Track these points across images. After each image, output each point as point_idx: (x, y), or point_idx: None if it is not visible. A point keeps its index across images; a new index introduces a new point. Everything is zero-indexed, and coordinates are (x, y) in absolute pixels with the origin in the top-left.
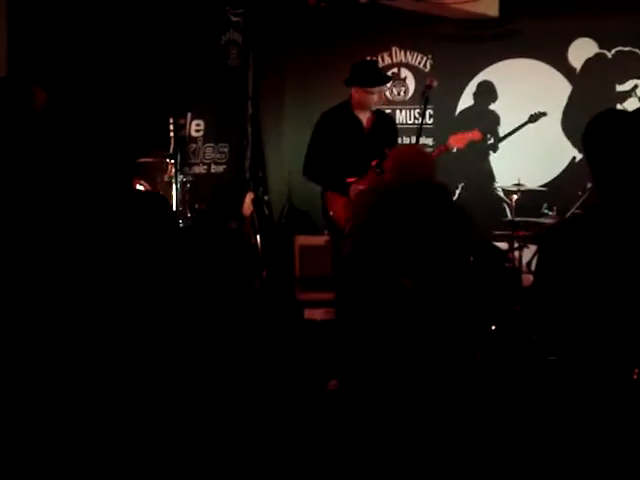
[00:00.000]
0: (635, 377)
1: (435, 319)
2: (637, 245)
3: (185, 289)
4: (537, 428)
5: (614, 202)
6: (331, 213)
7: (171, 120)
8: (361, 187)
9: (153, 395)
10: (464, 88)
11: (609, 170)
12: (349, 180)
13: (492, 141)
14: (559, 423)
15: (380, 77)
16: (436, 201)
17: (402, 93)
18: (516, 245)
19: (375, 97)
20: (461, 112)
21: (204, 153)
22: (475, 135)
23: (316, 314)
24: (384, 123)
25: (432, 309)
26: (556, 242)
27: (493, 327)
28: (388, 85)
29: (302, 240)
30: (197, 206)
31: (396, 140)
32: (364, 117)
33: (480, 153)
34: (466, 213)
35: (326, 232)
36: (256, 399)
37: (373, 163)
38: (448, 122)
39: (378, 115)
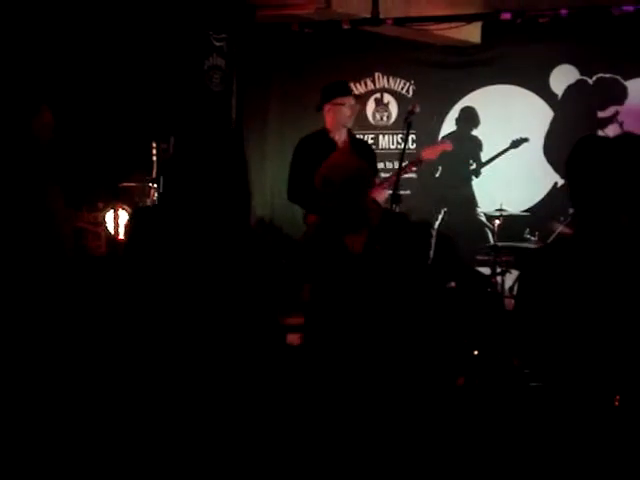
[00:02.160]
0: (616, 404)
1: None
2: (618, 270)
3: (167, 311)
4: (519, 453)
5: (595, 228)
6: None
7: (154, 144)
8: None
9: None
10: (447, 113)
11: (590, 194)
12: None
13: (474, 166)
14: (541, 449)
15: (346, 89)
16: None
17: (385, 118)
18: (498, 270)
19: (347, 111)
20: (443, 137)
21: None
22: (446, 146)
23: (296, 339)
24: (359, 147)
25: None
26: (537, 268)
27: (475, 352)
28: (359, 107)
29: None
30: None
31: (374, 162)
32: (340, 140)
33: (462, 178)
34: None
35: None
36: (241, 415)
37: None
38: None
39: (353, 139)
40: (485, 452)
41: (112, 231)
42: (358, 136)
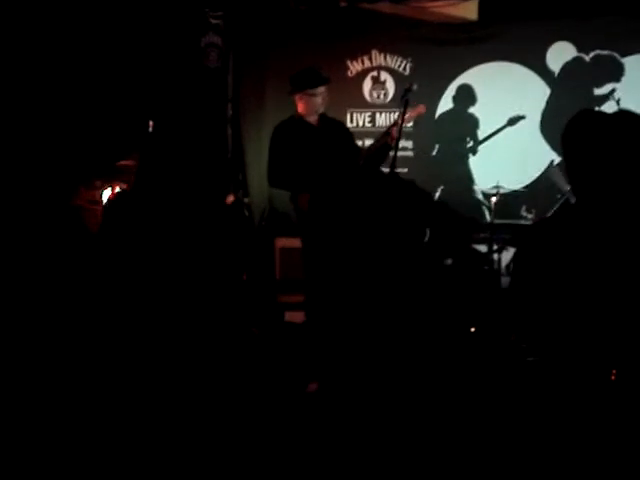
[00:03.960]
0: (613, 378)
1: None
2: (613, 244)
3: (168, 291)
4: (518, 429)
5: (590, 202)
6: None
7: (150, 123)
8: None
9: (139, 396)
10: (443, 91)
11: (586, 170)
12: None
13: (471, 144)
14: (539, 424)
15: (319, 78)
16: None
17: (382, 96)
18: (495, 247)
19: (319, 99)
20: (440, 115)
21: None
22: (419, 110)
23: (296, 316)
24: (333, 127)
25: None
26: (532, 242)
27: (472, 329)
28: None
29: (282, 242)
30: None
31: (351, 138)
32: (313, 120)
33: (459, 156)
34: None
35: None
36: (237, 401)
37: None
38: (427, 125)
39: (323, 117)
40: (483, 427)
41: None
42: (355, 114)
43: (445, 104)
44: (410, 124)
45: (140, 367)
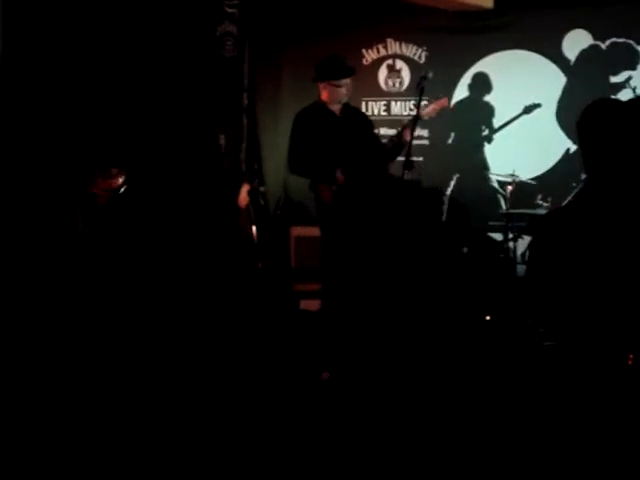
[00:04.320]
0: (630, 362)
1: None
2: (628, 231)
3: (183, 281)
4: (535, 416)
5: (605, 189)
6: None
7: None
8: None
9: (154, 385)
10: (459, 79)
11: (602, 157)
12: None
13: (487, 133)
14: (556, 409)
15: (345, 69)
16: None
17: (397, 84)
18: (511, 236)
19: (343, 90)
20: (456, 103)
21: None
22: (442, 102)
23: (312, 305)
24: (355, 114)
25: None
26: (548, 229)
27: (487, 317)
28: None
29: (298, 231)
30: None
31: (372, 128)
32: (336, 109)
33: (475, 145)
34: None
35: None
36: (252, 390)
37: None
38: (443, 113)
39: (347, 107)
40: (499, 410)
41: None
42: (370, 103)
43: (461, 92)
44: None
45: (154, 357)
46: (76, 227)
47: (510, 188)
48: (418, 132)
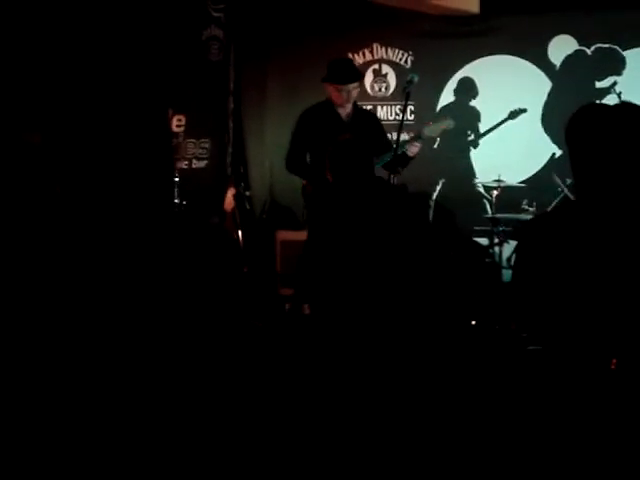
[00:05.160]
0: (613, 367)
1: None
2: (615, 237)
3: (167, 287)
4: (520, 418)
5: (593, 195)
6: None
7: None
8: None
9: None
10: (445, 84)
11: (589, 163)
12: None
13: (472, 137)
14: (540, 412)
15: (350, 75)
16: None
17: (383, 89)
18: (496, 241)
19: (353, 92)
20: (442, 108)
21: (185, 148)
22: (446, 126)
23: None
24: (364, 118)
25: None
26: (534, 233)
27: (473, 322)
28: (361, 82)
29: (283, 235)
30: (179, 201)
31: (382, 132)
32: (344, 112)
33: (460, 150)
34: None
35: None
36: (241, 393)
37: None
38: (428, 118)
39: (357, 110)
40: (485, 415)
41: None
42: (370, 109)
43: (446, 97)
44: (411, 118)
45: (141, 362)
46: None
47: (496, 193)
48: (404, 137)
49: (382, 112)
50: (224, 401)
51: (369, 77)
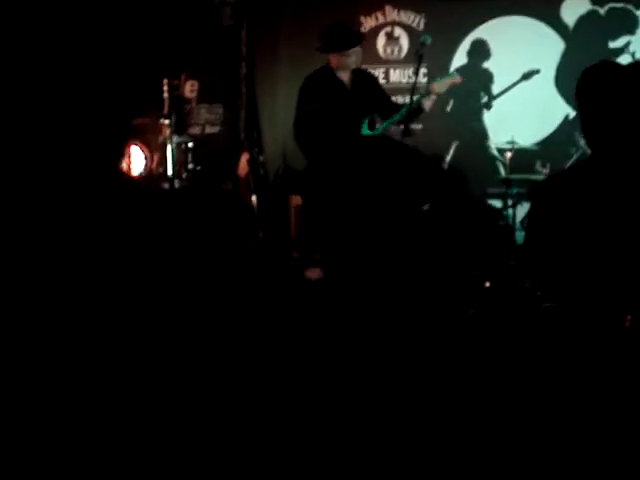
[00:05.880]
0: (627, 324)
1: None
2: (627, 195)
3: (181, 253)
4: (535, 377)
5: (604, 153)
6: None
7: (165, 81)
8: None
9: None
10: (457, 46)
11: (600, 121)
12: None
13: (486, 99)
14: (556, 370)
15: (352, 38)
16: None
17: (396, 52)
18: (510, 203)
19: (353, 57)
20: (455, 70)
21: (198, 114)
22: (455, 80)
23: (313, 273)
24: (364, 79)
25: None
26: (547, 194)
27: (487, 284)
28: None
29: (297, 200)
30: (192, 167)
31: (382, 92)
32: (345, 77)
33: (474, 112)
34: None
35: None
36: (255, 358)
37: None
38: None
39: (357, 73)
40: (498, 374)
41: (125, 167)
42: (369, 71)
43: (459, 59)
44: (424, 80)
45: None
46: None
47: (509, 155)
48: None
49: (395, 75)
50: (234, 369)
51: (381, 40)
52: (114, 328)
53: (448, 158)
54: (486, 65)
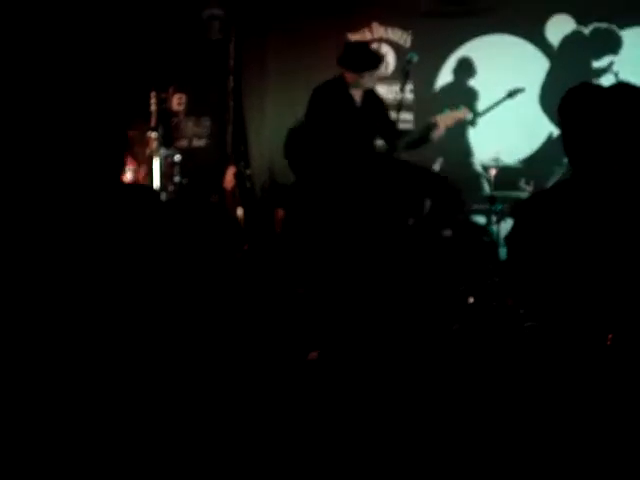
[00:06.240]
0: (609, 343)
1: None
2: (610, 215)
3: (166, 265)
4: (516, 394)
5: (586, 174)
6: None
7: (153, 93)
8: None
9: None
10: (443, 64)
11: (583, 141)
12: None
13: (471, 117)
14: (537, 388)
15: (369, 62)
16: None
17: (383, 68)
18: (494, 219)
19: (367, 79)
20: (441, 88)
21: (185, 127)
22: (462, 115)
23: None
24: (373, 101)
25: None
26: (531, 212)
27: (471, 299)
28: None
29: (283, 214)
30: (179, 180)
31: (387, 116)
32: (357, 94)
33: (459, 129)
34: None
35: None
36: (242, 371)
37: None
38: (427, 97)
39: (368, 93)
40: (481, 391)
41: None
42: (378, 93)
43: (445, 76)
44: (410, 97)
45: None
46: None
47: (494, 172)
48: (403, 116)
49: (382, 91)
50: (220, 378)
51: None
52: (100, 335)
53: None
54: (471, 83)
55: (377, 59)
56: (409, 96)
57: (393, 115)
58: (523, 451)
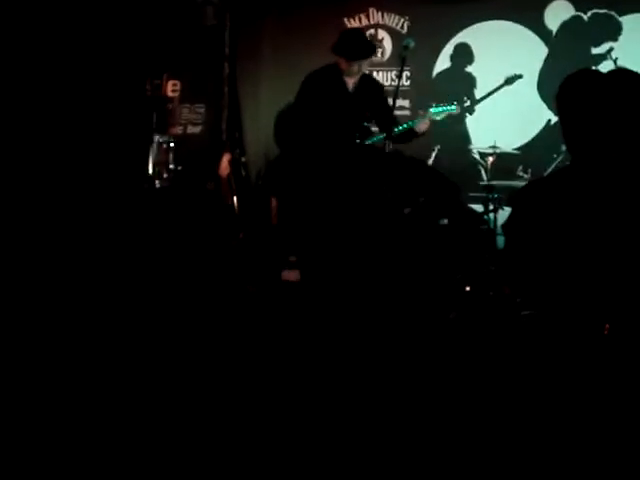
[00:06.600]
0: (606, 332)
1: None
2: (608, 202)
3: (161, 252)
4: (513, 383)
5: (584, 160)
6: None
7: (147, 80)
8: None
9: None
10: (441, 50)
11: (581, 128)
12: None
13: (468, 104)
14: (534, 377)
15: (361, 51)
16: None
17: (379, 54)
18: (491, 207)
19: (356, 67)
20: (438, 74)
21: (180, 114)
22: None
23: (292, 275)
24: (369, 86)
25: None
26: (528, 199)
27: (468, 288)
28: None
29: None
30: (173, 167)
31: (383, 97)
32: (350, 81)
33: (456, 116)
34: None
35: None
36: (234, 359)
37: None
38: (424, 84)
39: (364, 79)
40: (478, 380)
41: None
42: (377, 79)
43: (442, 63)
44: (407, 83)
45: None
46: None
47: (491, 159)
48: (400, 103)
49: (378, 77)
50: (214, 364)
51: None
52: (88, 324)
53: (430, 162)
54: (469, 69)
55: (370, 48)
56: (406, 82)
57: (389, 102)
58: (520, 440)
